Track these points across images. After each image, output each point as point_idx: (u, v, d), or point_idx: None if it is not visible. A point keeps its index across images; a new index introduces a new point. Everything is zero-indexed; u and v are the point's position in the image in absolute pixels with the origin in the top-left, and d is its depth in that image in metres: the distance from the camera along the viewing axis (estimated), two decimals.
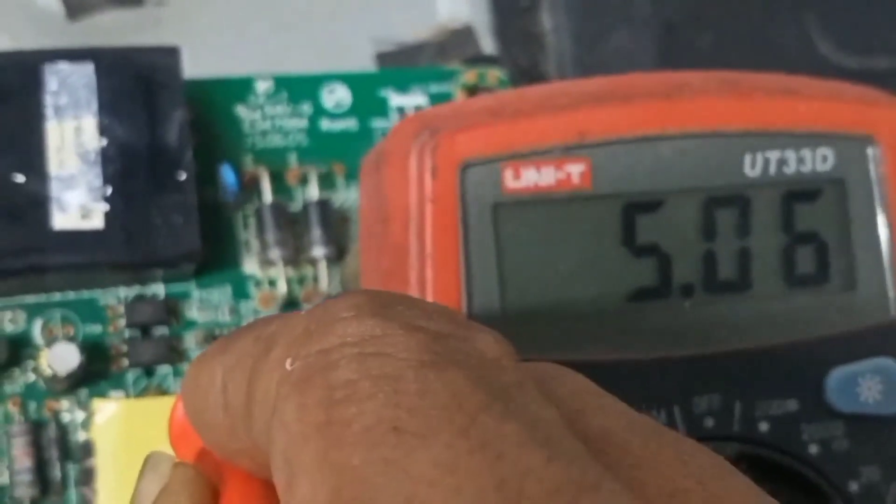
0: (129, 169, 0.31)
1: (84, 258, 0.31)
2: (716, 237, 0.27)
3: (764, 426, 0.27)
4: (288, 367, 0.15)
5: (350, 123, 0.36)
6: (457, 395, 0.14)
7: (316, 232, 0.33)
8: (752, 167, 0.27)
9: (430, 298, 0.25)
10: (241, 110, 0.35)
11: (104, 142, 0.31)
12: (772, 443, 0.27)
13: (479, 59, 0.40)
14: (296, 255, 0.34)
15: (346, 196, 0.35)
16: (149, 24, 0.38)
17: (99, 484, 0.30)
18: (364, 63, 0.39)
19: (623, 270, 0.27)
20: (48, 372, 0.30)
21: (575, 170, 0.26)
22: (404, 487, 0.13)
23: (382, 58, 0.40)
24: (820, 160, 0.28)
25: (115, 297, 0.32)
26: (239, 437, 0.18)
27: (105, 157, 0.31)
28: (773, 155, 0.27)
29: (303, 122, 0.35)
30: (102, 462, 0.30)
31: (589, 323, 0.26)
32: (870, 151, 0.28)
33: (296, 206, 0.34)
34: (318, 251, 0.34)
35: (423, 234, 0.26)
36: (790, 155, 0.27)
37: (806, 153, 0.28)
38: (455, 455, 0.13)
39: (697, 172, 0.27)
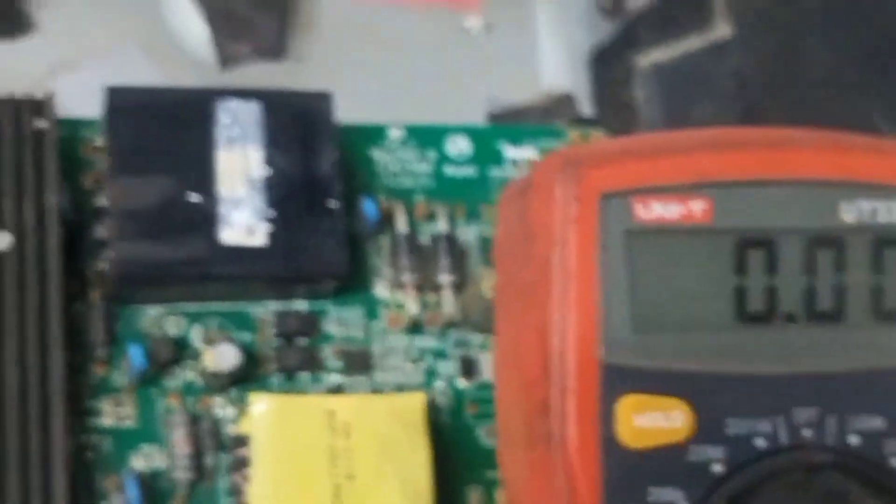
0: (288, 195, 0.35)
1: (247, 271, 0.35)
2: (816, 273, 0.31)
3: (854, 439, 0.30)
4: None
5: (470, 171, 0.40)
6: None
7: (444, 261, 0.37)
8: (847, 213, 0.31)
9: (570, 306, 0.29)
10: (376, 153, 0.39)
11: (268, 170, 0.35)
12: (859, 454, 0.30)
13: (581, 121, 0.44)
14: (423, 281, 0.38)
15: (466, 234, 0.39)
16: (289, 76, 0.43)
17: (251, 471, 0.33)
18: (477, 121, 0.44)
19: (735, 296, 0.31)
20: (211, 368, 0.34)
21: (697, 206, 0.30)
22: None
23: (493, 118, 0.44)
24: None
25: (265, 309, 0.36)
26: None
27: (268, 183, 0.35)
28: (867, 204, 0.31)
29: (429, 167, 0.40)
30: (256, 451, 0.33)
31: (707, 339, 0.30)
32: None
33: (423, 239, 0.38)
34: (444, 278, 0.37)
35: (567, 250, 0.30)
36: (881, 205, 0.31)
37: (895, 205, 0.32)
38: None
39: (801, 215, 0.31)
